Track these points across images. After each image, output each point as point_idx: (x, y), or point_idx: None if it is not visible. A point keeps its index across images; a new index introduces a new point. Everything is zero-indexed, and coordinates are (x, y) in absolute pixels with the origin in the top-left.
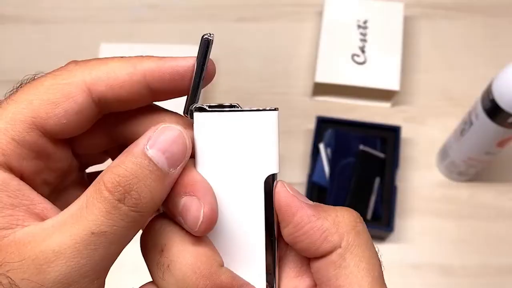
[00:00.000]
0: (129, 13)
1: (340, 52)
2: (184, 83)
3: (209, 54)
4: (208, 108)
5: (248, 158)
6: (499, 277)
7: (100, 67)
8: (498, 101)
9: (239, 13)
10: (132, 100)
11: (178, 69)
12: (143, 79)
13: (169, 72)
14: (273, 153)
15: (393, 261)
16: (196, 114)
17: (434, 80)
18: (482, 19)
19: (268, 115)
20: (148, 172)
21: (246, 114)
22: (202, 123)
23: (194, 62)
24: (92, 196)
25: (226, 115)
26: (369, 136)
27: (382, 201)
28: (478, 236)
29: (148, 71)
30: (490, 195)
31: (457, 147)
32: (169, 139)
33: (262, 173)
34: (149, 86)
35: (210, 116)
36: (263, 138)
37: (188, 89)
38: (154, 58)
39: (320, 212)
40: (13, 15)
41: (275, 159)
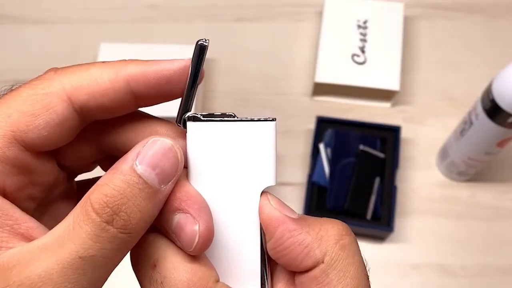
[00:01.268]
0: (129, 13)
1: (340, 52)
2: (171, 87)
3: (204, 61)
4: (202, 118)
5: (244, 170)
6: (499, 277)
7: (81, 74)
8: (498, 101)
9: (238, 13)
10: (116, 107)
11: (164, 73)
12: (127, 84)
13: (154, 77)
14: (270, 165)
15: (393, 261)
16: (190, 124)
17: (434, 80)
18: (482, 19)
19: (265, 126)
20: (137, 190)
21: (242, 124)
22: (195, 133)
23: (181, 64)
24: (78, 218)
25: (221, 125)
26: (369, 136)
27: (382, 201)
28: (478, 236)
29: (131, 76)
30: (490, 195)
31: (457, 147)
32: (160, 154)
33: (259, 185)
34: (133, 91)
35: (204, 126)
36: (260, 150)
37: (176, 93)
38: (138, 62)
39: (302, 226)
40: (13, 15)
41: (272, 171)
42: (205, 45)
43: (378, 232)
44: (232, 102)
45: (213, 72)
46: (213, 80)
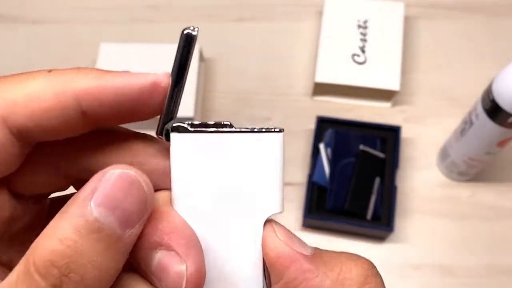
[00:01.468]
0: (128, 13)
1: (340, 52)
2: (138, 108)
3: (192, 55)
4: (190, 128)
5: (243, 193)
6: (500, 277)
7: (18, 88)
8: (498, 101)
9: (238, 12)
10: (64, 128)
11: (127, 90)
12: (75, 102)
13: (113, 95)
14: (276, 188)
15: (393, 262)
16: (174, 136)
17: (434, 80)
18: (482, 19)
19: (270, 138)
20: (92, 241)
21: (241, 136)
22: (182, 147)
23: (153, 80)
24: (20, 279)
25: (214, 137)
26: (369, 136)
27: (382, 201)
28: (479, 236)
29: (82, 92)
30: (490, 195)
31: (457, 147)
32: (120, 190)
33: (262, 213)
34: (86, 112)
35: (193, 138)
36: (264, 168)
37: (147, 113)
38: (95, 74)
39: (319, 266)
40: (12, 15)
41: (279, 196)
42: (193, 34)
43: (378, 232)
44: (231, 102)
45: (212, 72)
46: (212, 80)
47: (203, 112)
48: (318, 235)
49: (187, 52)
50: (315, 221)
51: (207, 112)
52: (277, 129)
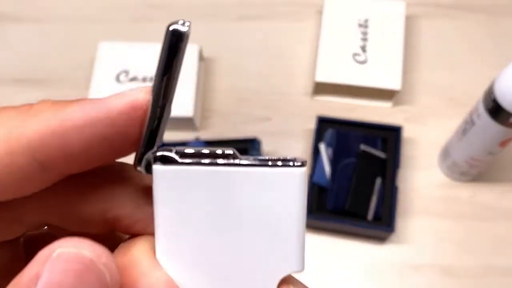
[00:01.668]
0: (128, 12)
1: (341, 51)
2: (114, 145)
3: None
4: (179, 159)
5: (251, 247)
6: (501, 278)
7: None
8: (499, 101)
9: (239, 12)
10: (18, 189)
11: (93, 127)
12: (29, 156)
13: (77, 134)
14: (295, 240)
15: (394, 262)
16: (158, 169)
17: (435, 79)
18: (484, 18)
19: (289, 175)
20: None
21: (249, 172)
22: (169, 184)
23: (130, 104)
24: None
25: (212, 172)
26: (370, 136)
27: (383, 202)
28: (480, 237)
29: (34, 141)
30: (492, 195)
31: (459, 147)
32: (71, 278)
33: (276, 272)
34: (42, 163)
35: (184, 172)
36: (280, 214)
37: (127, 149)
38: (49, 112)
39: None
40: (11, 14)
41: (299, 250)
42: (183, 31)
43: (379, 232)
44: (231, 102)
45: (212, 71)
46: (212, 80)
47: (203, 112)
48: (319, 236)
49: (175, 55)
50: (315, 222)
51: (207, 112)
52: (298, 163)
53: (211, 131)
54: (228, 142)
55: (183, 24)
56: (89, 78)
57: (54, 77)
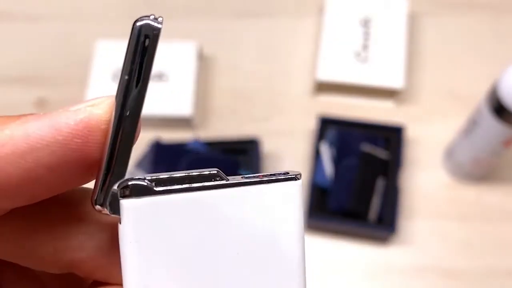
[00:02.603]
0: (125, 9)
1: (343, 50)
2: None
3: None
4: (154, 187)
5: (247, 281)
6: (506, 280)
7: None
8: (503, 100)
9: (238, 9)
10: None
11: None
12: None
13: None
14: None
15: (396, 264)
16: (127, 204)
17: (439, 78)
18: (488, 15)
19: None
20: None
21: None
22: (141, 221)
23: (85, 122)
24: None
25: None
26: (372, 136)
27: (385, 202)
28: (484, 239)
29: None
30: (496, 196)
31: (462, 147)
32: None
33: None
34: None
35: (161, 204)
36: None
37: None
38: None
39: None
40: (6, 12)
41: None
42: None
43: (381, 233)
44: (231, 101)
45: (211, 70)
46: (211, 79)
47: (202, 112)
48: (320, 237)
49: (144, 57)
50: (317, 223)
51: (206, 111)
52: (292, 175)
53: (211, 131)
54: (228, 142)
55: (155, 19)
56: (86, 76)
57: (51, 75)
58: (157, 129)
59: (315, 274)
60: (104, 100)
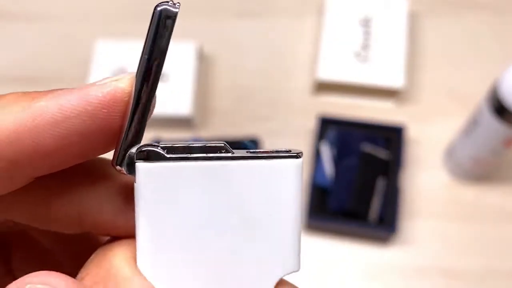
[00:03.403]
0: (126, 9)
1: (343, 49)
2: (93, 140)
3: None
4: (165, 154)
5: (244, 248)
6: (506, 281)
7: None
8: (504, 100)
9: (239, 9)
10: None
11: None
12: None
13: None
14: (290, 238)
15: (397, 264)
16: (141, 166)
17: (439, 78)
18: (489, 15)
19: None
20: None
21: (242, 165)
22: (153, 183)
23: (112, 93)
24: None
25: (202, 167)
26: (372, 136)
27: (386, 203)
28: (485, 239)
29: (5, 141)
30: (497, 196)
31: (463, 147)
32: None
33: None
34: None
35: (171, 169)
36: (274, 211)
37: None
38: (20, 105)
39: None
40: (6, 12)
41: (295, 248)
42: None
43: (382, 234)
44: (231, 100)
45: (212, 69)
46: (212, 78)
47: (202, 111)
48: (321, 237)
49: (162, 38)
50: (317, 223)
51: (206, 111)
52: (293, 153)
53: (211, 131)
54: (228, 142)
55: (173, 4)
56: (86, 76)
57: (51, 75)
58: (157, 129)
59: (315, 274)
60: (126, 76)
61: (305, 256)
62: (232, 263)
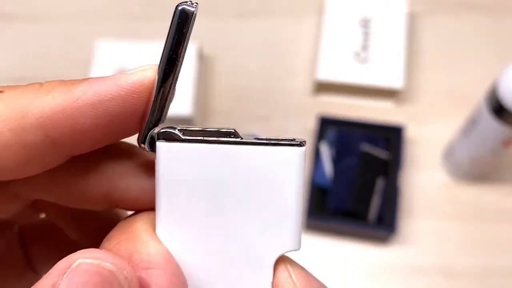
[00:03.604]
0: (125, 10)
1: (342, 50)
2: (124, 122)
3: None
4: (182, 136)
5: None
6: (505, 279)
7: None
8: (503, 100)
9: (238, 9)
10: (29, 167)
11: (105, 105)
12: (40, 133)
13: (89, 112)
14: (292, 219)
15: (396, 264)
16: (161, 145)
17: (438, 78)
18: (487, 16)
19: (288, 154)
20: None
21: (250, 150)
22: (171, 160)
23: (140, 80)
24: None
25: (214, 149)
26: (372, 136)
27: (385, 202)
28: (484, 238)
29: (48, 119)
30: (495, 196)
31: (462, 147)
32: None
33: (273, 251)
34: (57, 141)
35: (186, 149)
36: (277, 193)
37: (135, 127)
38: (60, 89)
39: None
40: (6, 12)
41: (295, 228)
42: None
43: (381, 233)
44: (231, 100)
45: (212, 69)
46: (212, 78)
47: (202, 111)
48: (320, 237)
49: (182, 34)
50: (317, 222)
51: (207, 111)
52: (297, 142)
53: None
54: None
55: (191, 4)
56: (87, 76)
57: (51, 76)
58: None
59: (314, 273)
60: (151, 66)
61: (304, 255)
62: (237, 236)
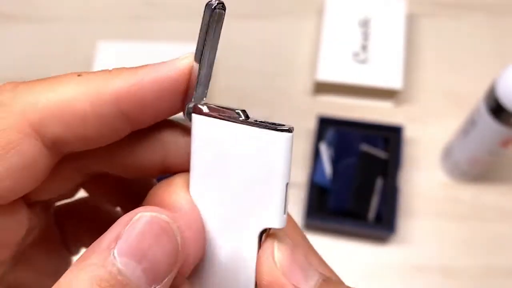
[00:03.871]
0: (126, 10)
1: (342, 50)
2: (177, 100)
3: (219, 30)
4: (204, 110)
5: (245, 196)
6: (503, 279)
7: (48, 96)
8: (501, 101)
9: (238, 10)
10: (102, 136)
11: (165, 84)
12: (115, 106)
13: (153, 90)
14: (275, 197)
15: (395, 263)
16: (195, 117)
17: (437, 79)
18: (486, 16)
19: (276, 137)
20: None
21: (247, 129)
22: (200, 130)
23: (186, 64)
24: None
25: (225, 125)
26: (371, 136)
27: (384, 202)
28: (482, 238)
29: (120, 94)
30: (494, 196)
31: (460, 147)
32: (148, 238)
33: (257, 224)
34: (125, 114)
35: (210, 123)
36: (266, 172)
37: (183, 105)
38: (127, 72)
39: None
40: (8, 13)
41: (278, 207)
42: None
43: (380, 233)
44: (232, 101)
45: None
46: (212, 78)
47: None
48: (320, 236)
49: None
50: (316, 222)
51: None
52: (285, 128)
53: None
54: None
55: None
56: None
57: None
58: None
59: None
60: (190, 55)
61: None
62: (235, 203)
